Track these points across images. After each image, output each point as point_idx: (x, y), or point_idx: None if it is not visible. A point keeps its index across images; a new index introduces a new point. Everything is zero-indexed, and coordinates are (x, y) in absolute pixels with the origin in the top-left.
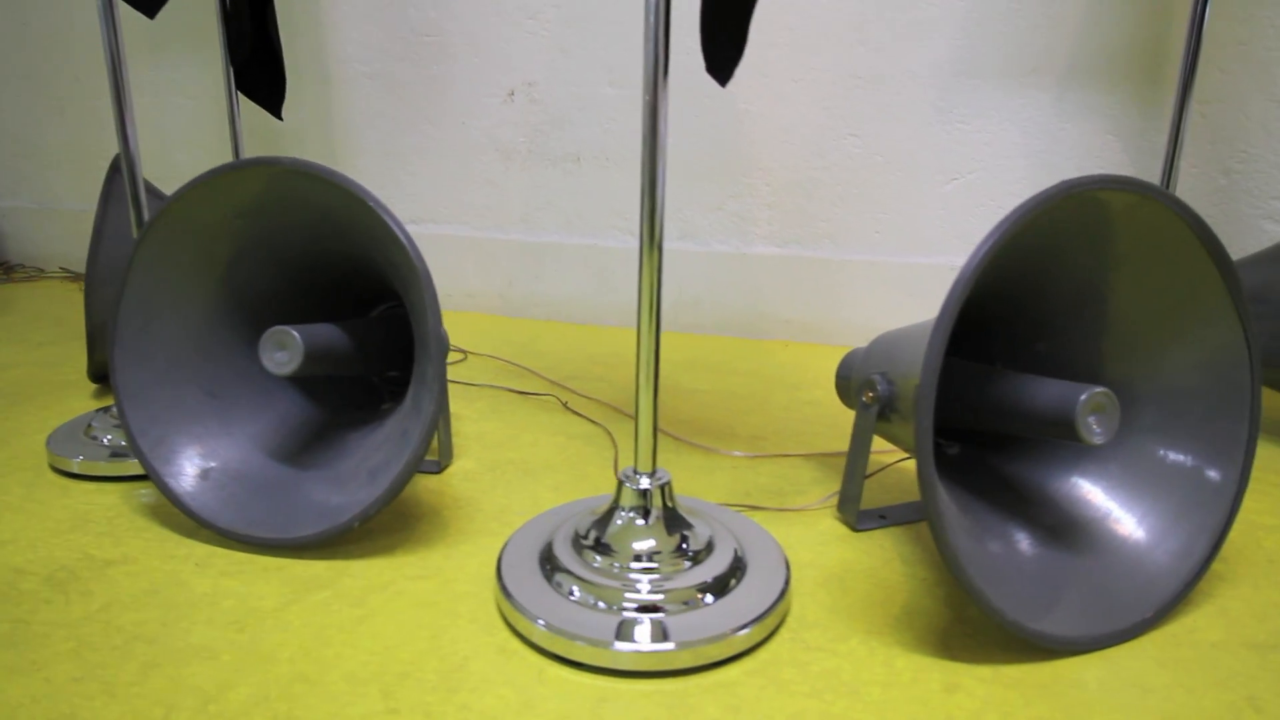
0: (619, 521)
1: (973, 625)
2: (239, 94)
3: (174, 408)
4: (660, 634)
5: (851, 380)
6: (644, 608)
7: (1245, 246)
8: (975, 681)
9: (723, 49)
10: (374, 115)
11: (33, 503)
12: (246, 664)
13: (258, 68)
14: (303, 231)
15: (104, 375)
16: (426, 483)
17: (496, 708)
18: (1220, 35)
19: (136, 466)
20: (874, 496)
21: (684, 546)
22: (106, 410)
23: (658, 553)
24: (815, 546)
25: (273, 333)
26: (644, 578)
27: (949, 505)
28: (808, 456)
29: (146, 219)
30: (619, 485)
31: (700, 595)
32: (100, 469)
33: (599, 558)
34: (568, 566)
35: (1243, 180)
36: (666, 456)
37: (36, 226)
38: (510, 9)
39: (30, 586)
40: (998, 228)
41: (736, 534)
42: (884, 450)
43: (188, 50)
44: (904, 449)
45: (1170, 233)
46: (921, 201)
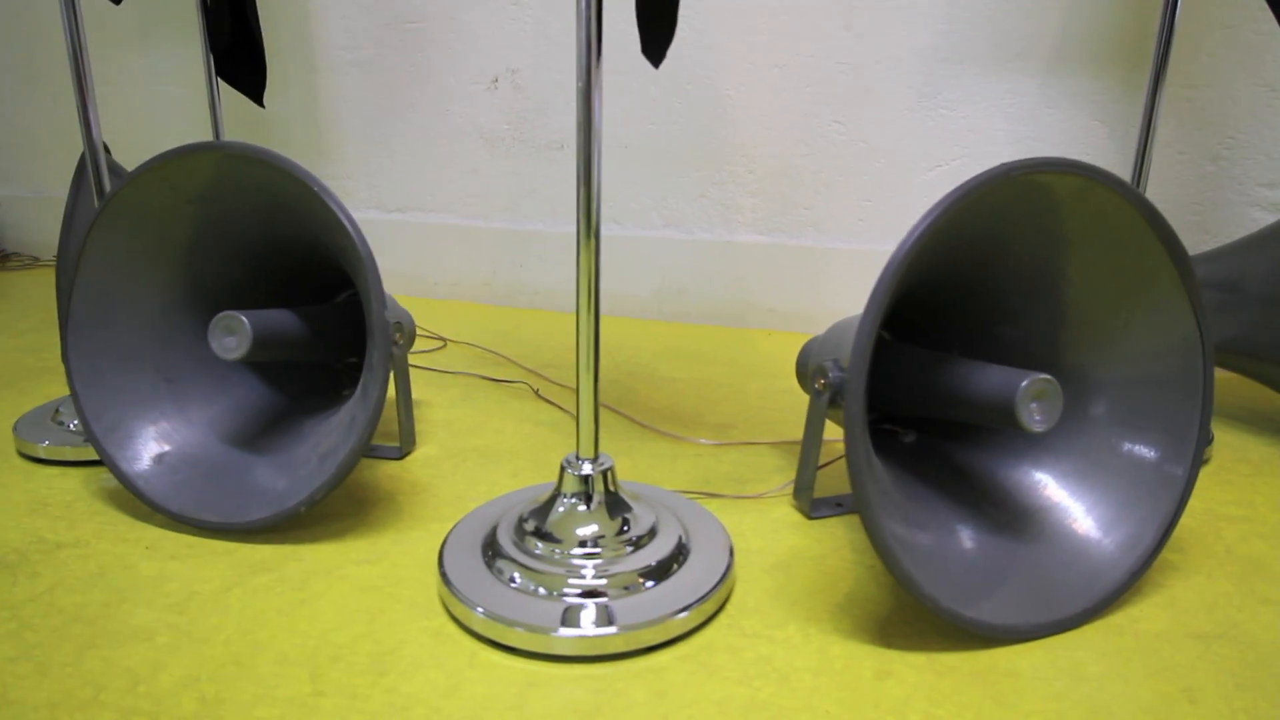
0: (560, 508)
1: (914, 613)
2: (222, 82)
3: (129, 392)
4: (596, 619)
5: (808, 367)
6: (584, 593)
7: (1232, 234)
8: (908, 668)
9: (655, 31)
10: (359, 102)
11: None
12: (181, 646)
13: (238, 55)
14: (257, 217)
15: None
16: (386, 468)
17: (423, 690)
18: (1207, 19)
19: None
20: (832, 484)
21: (625, 532)
22: None
23: (599, 538)
24: (767, 534)
25: (221, 318)
26: (585, 563)
27: (884, 492)
28: (774, 444)
29: None
30: (561, 471)
31: (641, 580)
32: (65, 454)
33: (540, 544)
34: (508, 553)
35: (1230, 166)
36: (632, 444)
37: (31, 215)
38: None
39: None
40: (931, 212)
41: (684, 520)
42: (840, 438)
43: (176, 38)
44: None
45: (1119, 217)
46: (906, 189)
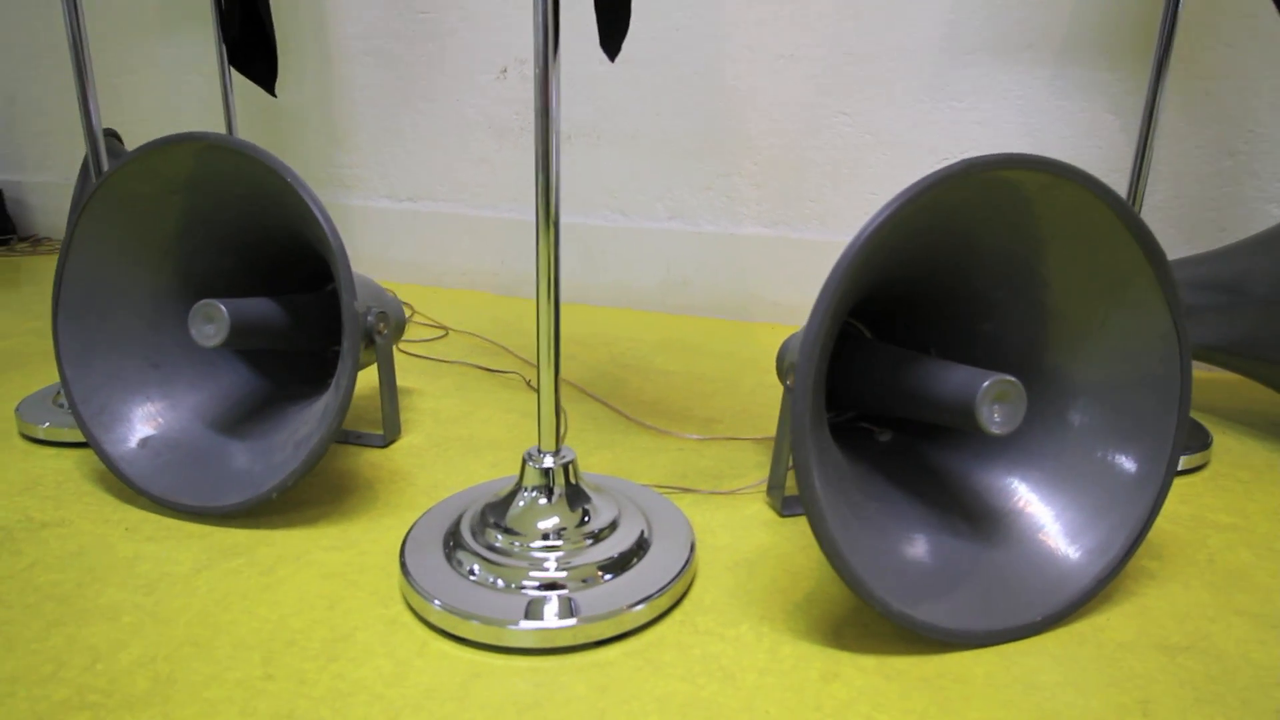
0: (521, 502)
1: (871, 615)
2: (236, 72)
3: (116, 377)
4: (550, 613)
5: (783, 362)
6: (541, 586)
7: (1248, 231)
8: (856, 671)
9: (611, 25)
10: (372, 92)
11: None
12: (144, 626)
13: (249, 45)
14: (242, 207)
15: None
16: (369, 456)
17: (369, 678)
18: (1227, 7)
19: None
20: None
21: (585, 525)
22: None
23: (558, 531)
24: (736, 530)
25: (200, 306)
26: (544, 556)
27: (841, 491)
28: (757, 440)
29: None
30: (523, 464)
31: (600, 574)
32: (64, 435)
33: (500, 536)
34: (469, 544)
35: (1248, 161)
36: (615, 436)
37: (65, 200)
38: None
39: None
40: (886, 208)
41: (649, 515)
42: None
43: (198, 28)
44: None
45: (1092, 215)
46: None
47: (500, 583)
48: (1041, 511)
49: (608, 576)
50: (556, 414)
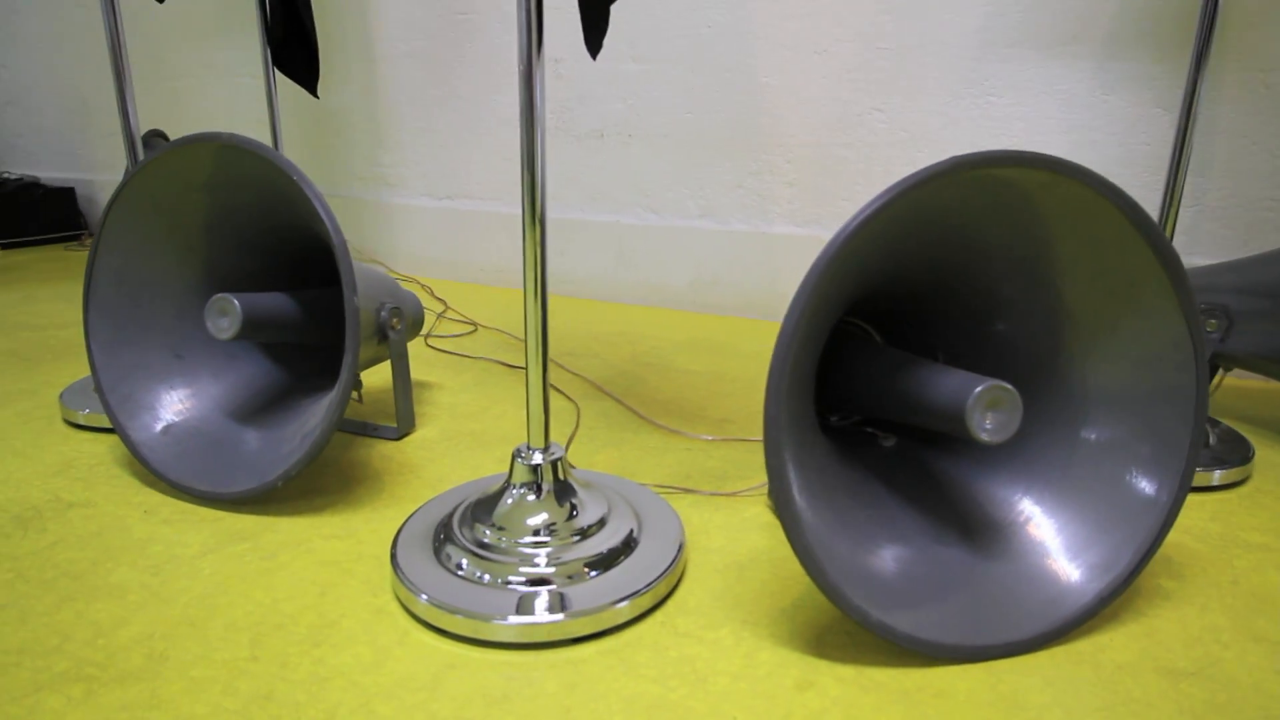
0: (509, 499)
1: (858, 625)
2: (281, 74)
3: (142, 367)
4: (527, 608)
5: None
6: (526, 581)
7: None
8: (833, 681)
9: (591, 24)
10: (414, 92)
11: (35, 448)
12: (147, 604)
13: (292, 48)
14: (262, 205)
15: None
16: (382, 448)
17: (347, 663)
18: None
19: None
20: None
21: (572, 522)
22: None
23: (545, 528)
24: (731, 532)
25: (215, 300)
26: (530, 552)
27: (828, 497)
28: None
29: None
30: (512, 461)
31: (586, 570)
32: (101, 421)
33: (489, 532)
34: (458, 538)
35: None
36: (626, 435)
37: None
38: None
39: None
40: (864, 209)
41: (641, 514)
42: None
43: (251, 32)
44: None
45: (1097, 215)
46: None
47: (486, 577)
48: (1044, 525)
49: (593, 573)
50: (545, 410)
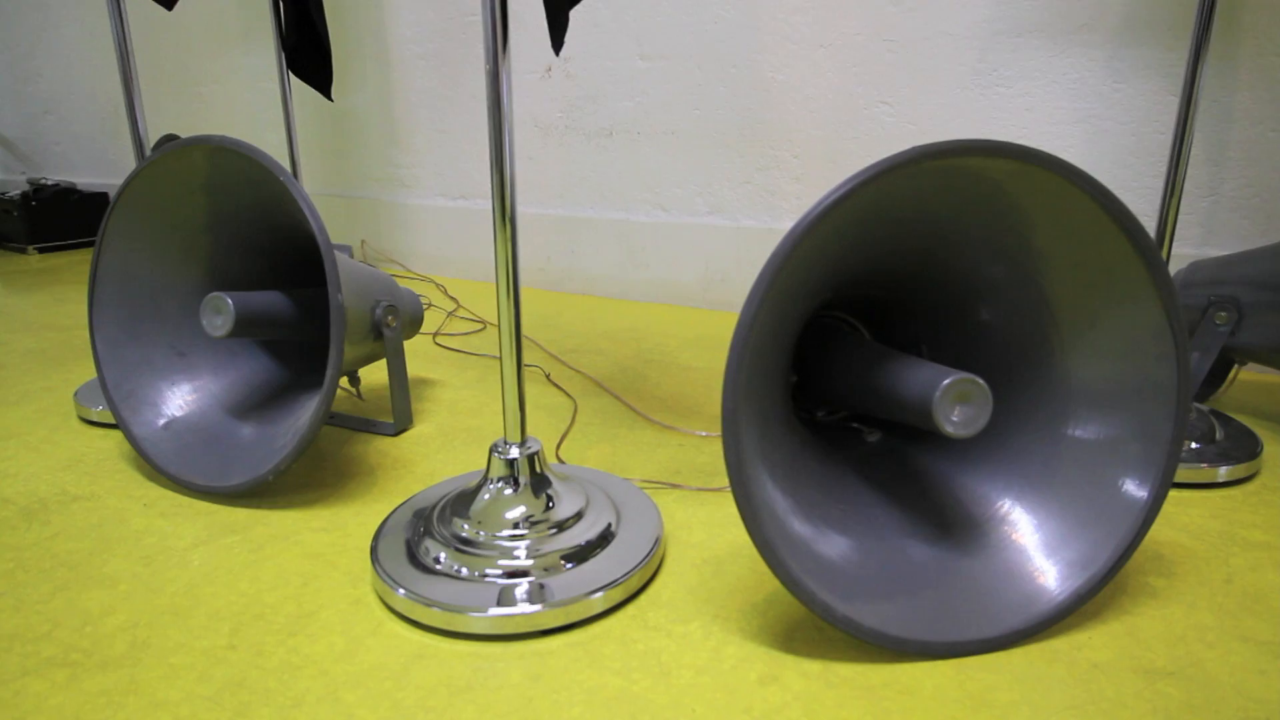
0: (486, 495)
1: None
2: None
3: (146, 364)
4: (503, 600)
5: None
6: (504, 574)
7: None
8: (798, 676)
9: (552, 23)
10: (427, 94)
11: (48, 444)
12: (136, 594)
13: (306, 51)
14: (258, 206)
15: None
16: (378, 444)
17: (320, 653)
18: None
19: None
20: None
21: (548, 516)
22: None
23: (521, 521)
24: (713, 528)
25: (210, 298)
26: (508, 545)
27: (781, 489)
28: None
29: None
30: (489, 456)
31: (563, 563)
32: (113, 418)
33: (466, 525)
34: (437, 531)
35: None
36: (620, 431)
37: None
38: None
39: (6, 514)
40: (819, 203)
41: (621, 509)
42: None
43: (274, 38)
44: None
45: (1071, 204)
46: None
47: (463, 570)
48: (1022, 521)
49: (569, 565)
50: (520, 406)
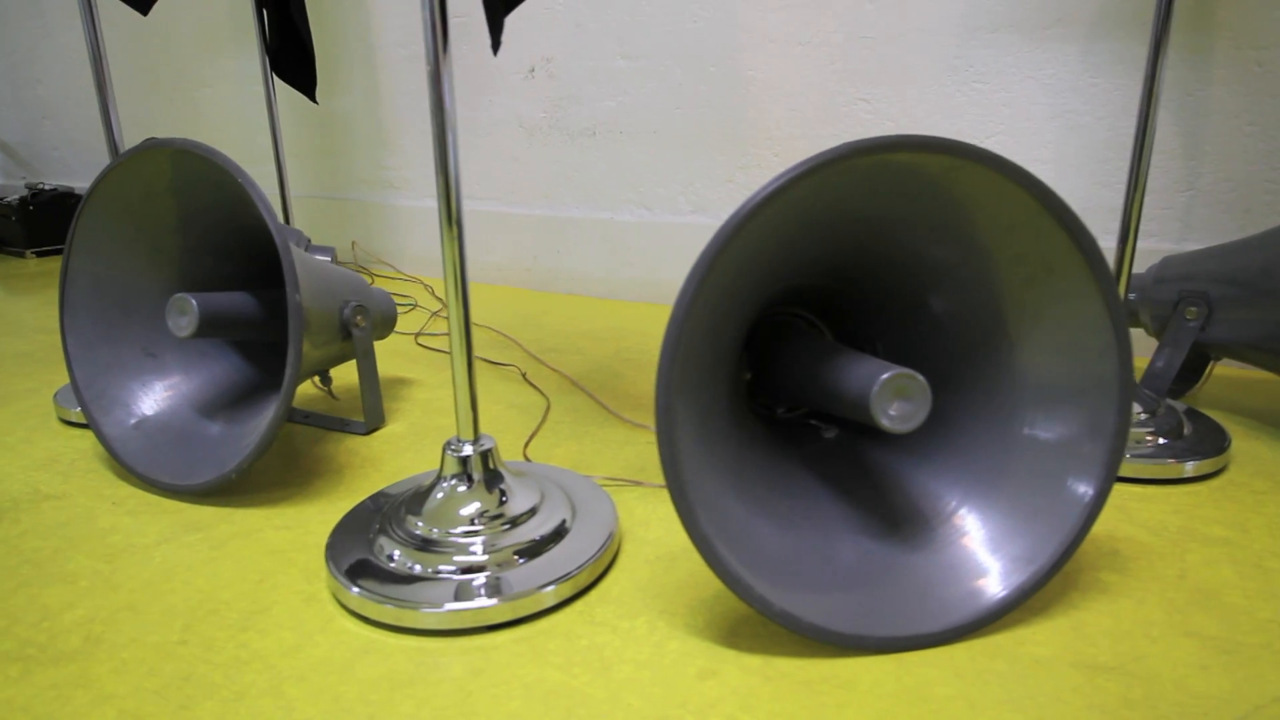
0: (440, 493)
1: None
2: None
3: (116, 365)
4: (450, 596)
5: None
6: (457, 570)
7: None
8: (737, 670)
9: (490, 24)
10: (414, 96)
11: (26, 444)
12: (95, 590)
13: (289, 54)
14: (225, 208)
15: None
16: (349, 442)
17: (269, 647)
18: None
19: None
20: None
21: (501, 513)
22: None
23: (475, 518)
24: (670, 524)
25: (174, 299)
26: (462, 541)
27: (722, 484)
28: None
29: None
30: (443, 453)
31: (516, 558)
32: None
33: (420, 523)
34: (391, 528)
35: None
36: (590, 429)
37: None
38: None
39: None
40: (746, 204)
41: (577, 505)
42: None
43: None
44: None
45: (1008, 199)
46: None
47: (416, 567)
48: (969, 517)
49: (521, 561)
50: (472, 404)
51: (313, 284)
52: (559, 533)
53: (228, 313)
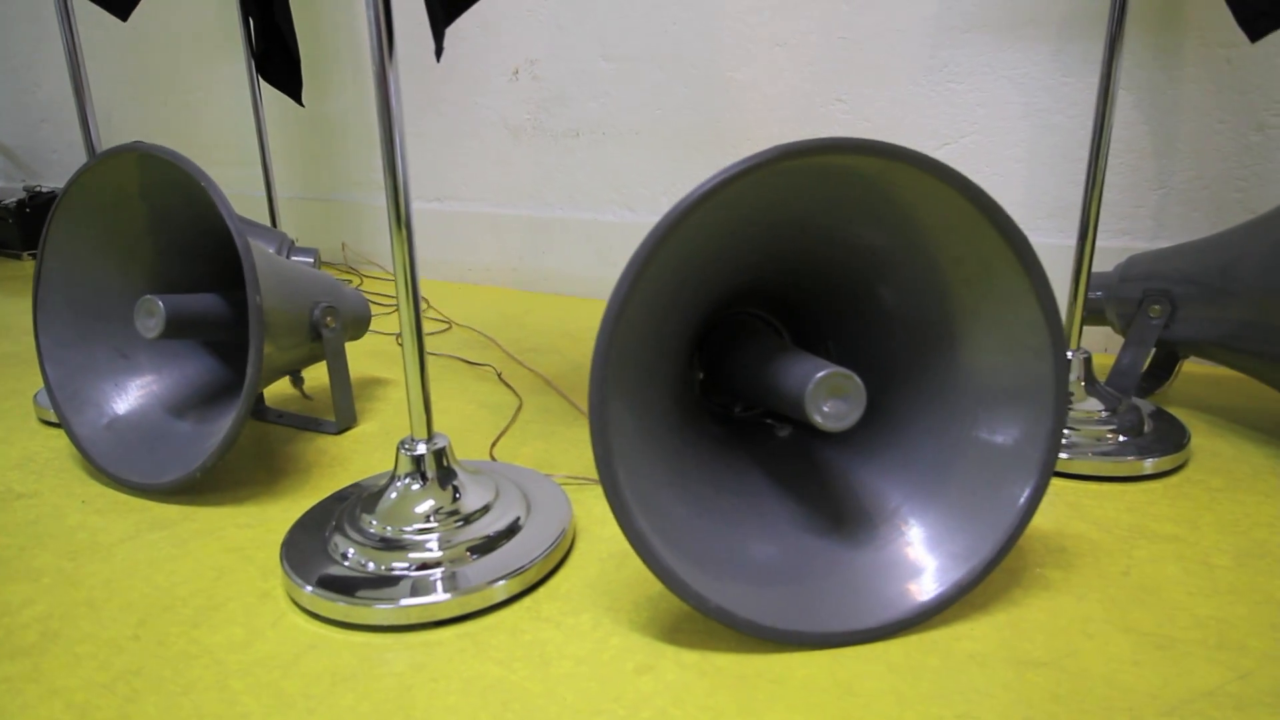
0: (393, 493)
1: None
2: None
3: (89, 367)
4: (401, 593)
5: None
6: (410, 567)
7: None
8: (674, 666)
9: (434, 27)
10: (403, 98)
11: (3, 444)
12: (57, 587)
13: (276, 58)
14: (194, 211)
15: None
16: (319, 442)
17: (219, 643)
18: None
19: None
20: None
21: (455, 510)
22: None
23: (431, 515)
24: None
25: (142, 301)
26: (415, 539)
27: (660, 482)
28: None
29: None
30: (397, 452)
31: (469, 555)
32: None
33: (374, 521)
34: (345, 526)
35: (1279, 136)
36: (559, 429)
37: None
38: None
39: None
40: (677, 206)
41: (533, 503)
42: None
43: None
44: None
45: (941, 199)
46: None
47: (369, 564)
48: (911, 515)
49: (474, 557)
50: (426, 405)
51: (278, 286)
52: (512, 529)
53: (195, 314)
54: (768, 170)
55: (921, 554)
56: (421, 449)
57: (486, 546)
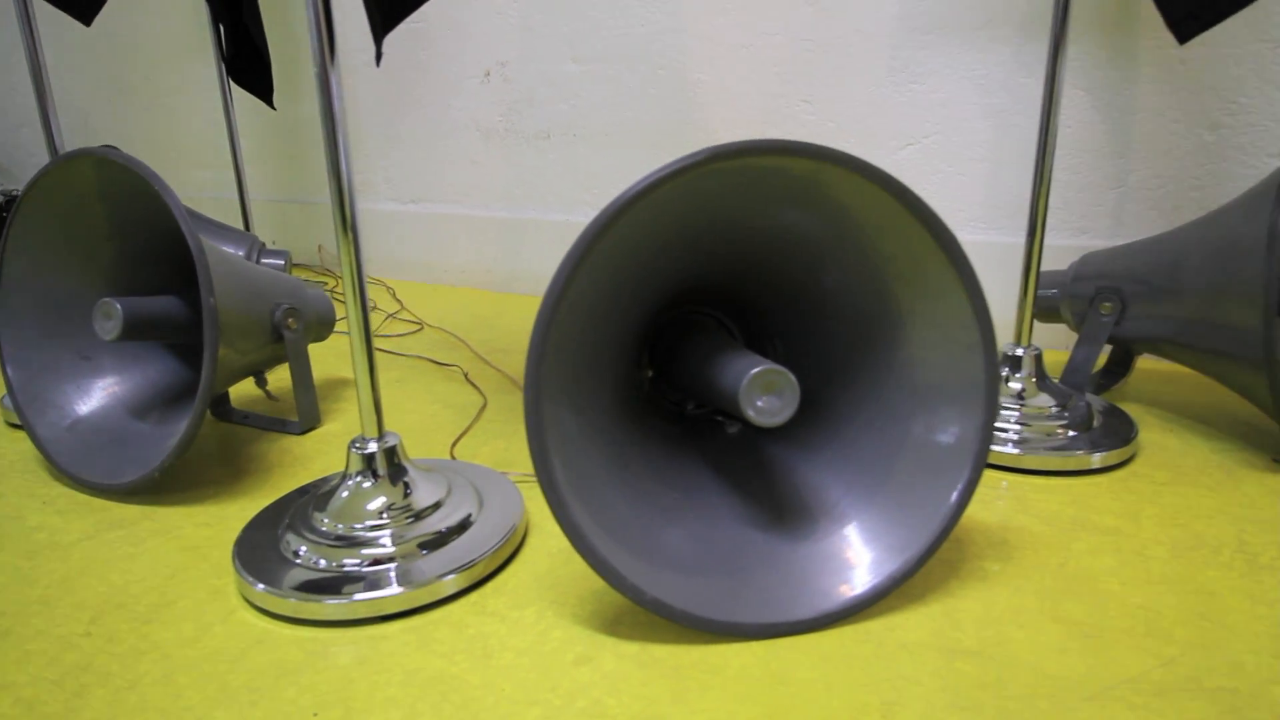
0: (345, 492)
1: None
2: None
3: (51, 369)
4: (351, 588)
5: None
6: (361, 563)
7: None
8: (612, 657)
9: (374, 33)
10: (374, 101)
11: None
12: (11, 586)
13: (247, 62)
14: (151, 214)
15: None
16: (282, 442)
17: (168, 639)
18: None
19: None
20: None
21: (406, 507)
22: None
23: (384, 511)
24: None
25: (100, 304)
26: (370, 535)
27: (601, 479)
28: None
29: None
30: (348, 451)
31: (420, 550)
32: None
33: (325, 518)
34: (297, 524)
35: (1233, 135)
36: (522, 429)
37: None
38: None
39: None
40: (605, 210)
41: (485, 499)
42: None
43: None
44: None
45: (872, 199)
46: None
47: (320, 561)
48: (850, 509)
49: (425, 553)
50: (375, 404)
51: (237, 288)
52: (463, 525)
53: (154, 316)
54: (698, 172)
55: (859, 547)
56: (372, 447)
57: (437, 542)
